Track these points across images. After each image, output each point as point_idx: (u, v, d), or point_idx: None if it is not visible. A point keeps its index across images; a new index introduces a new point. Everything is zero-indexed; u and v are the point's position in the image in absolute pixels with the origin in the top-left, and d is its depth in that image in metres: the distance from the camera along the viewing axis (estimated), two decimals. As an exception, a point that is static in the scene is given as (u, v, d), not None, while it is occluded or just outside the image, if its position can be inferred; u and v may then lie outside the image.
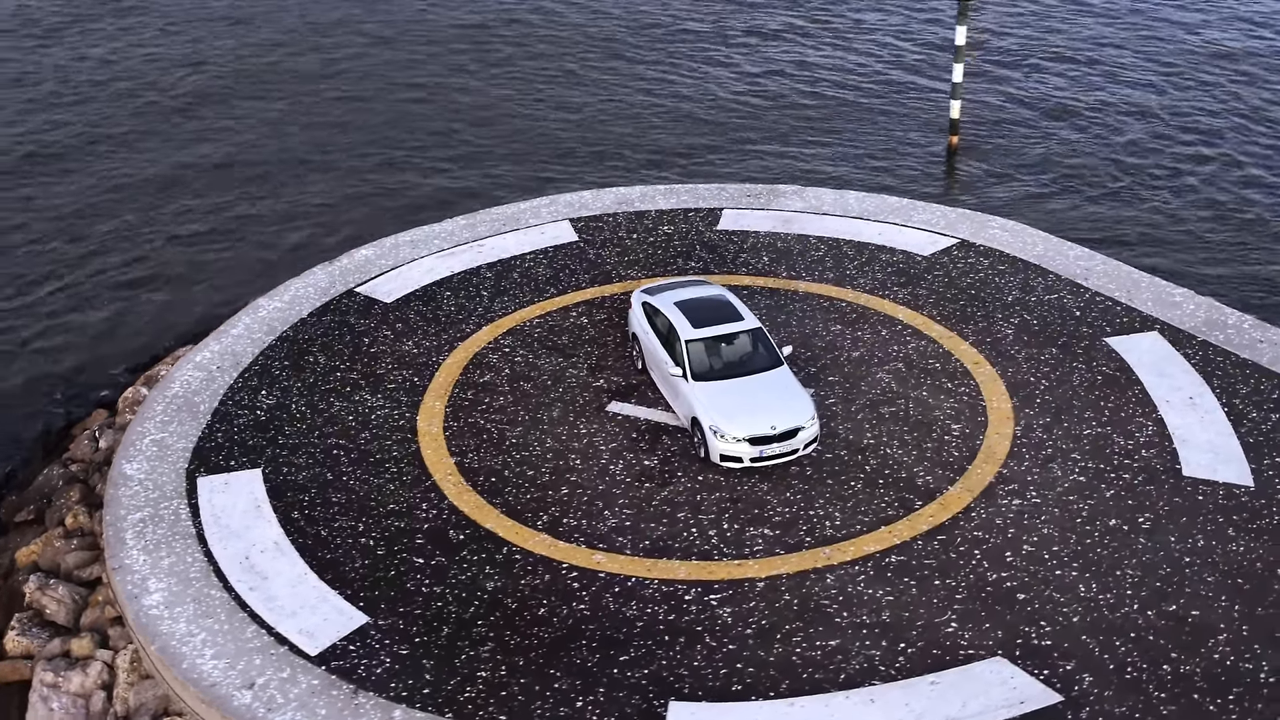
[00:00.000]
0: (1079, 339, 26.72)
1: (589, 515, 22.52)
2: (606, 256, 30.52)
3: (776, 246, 30.65)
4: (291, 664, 19.80)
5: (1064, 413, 24.55)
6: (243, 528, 22.57)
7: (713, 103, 44.24)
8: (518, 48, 49.18)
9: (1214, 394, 24.91)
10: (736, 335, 24.41)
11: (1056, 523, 21.87)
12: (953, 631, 19.79)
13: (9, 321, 32.53)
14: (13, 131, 42.65)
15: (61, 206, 38.22)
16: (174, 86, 46.06)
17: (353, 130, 42.97)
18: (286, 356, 27.19)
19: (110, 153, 41.71)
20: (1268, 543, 21.19)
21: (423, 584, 21.19)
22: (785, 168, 39.22)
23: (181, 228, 37.05)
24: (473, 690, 19.14)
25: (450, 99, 45.21)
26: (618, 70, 47.14)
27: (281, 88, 46.13)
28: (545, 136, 42.33)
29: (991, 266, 29.48)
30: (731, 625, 20.09)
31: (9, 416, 28.96)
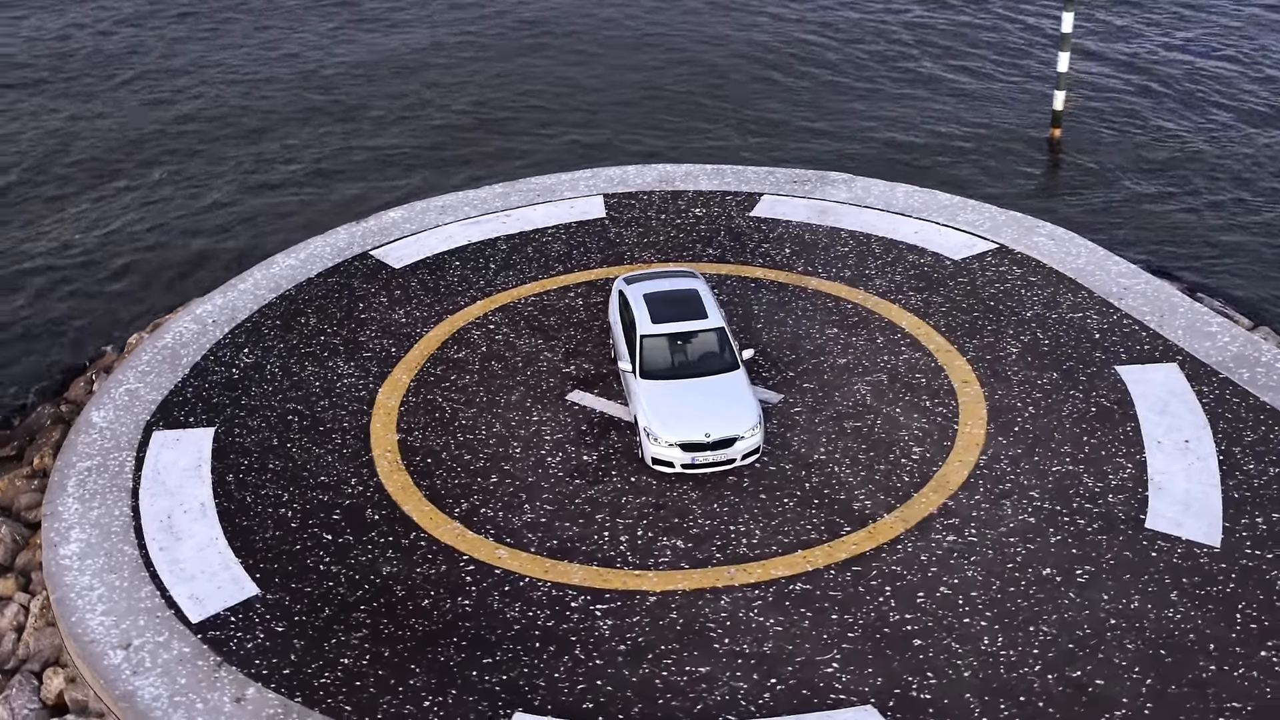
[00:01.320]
0: (1087, 364, 24.84)
1: (509, 508, 22.08)
2: (626, 236, 29.82)
3: (803, 238, 29.41)
4: (171, 629, 20.01)
5: (1039, 445, 22.88)
6: (177, 486, 22.90)
7: (810, 81, 42.67)
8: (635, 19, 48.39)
9: (1215, 439, 22.83)
10: (695, 334, 23.49)
11: (985, 566, 20.42)
12: (831, 673, 18.70)
13: (49, 259, 33.68)
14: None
15: (115, 137, 39.36)
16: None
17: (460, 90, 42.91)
18: (280, 316, 27.45)
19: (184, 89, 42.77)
20: (1210, 613, 19.33)
21: (322, 561, 21.14)
22: (868, 154, 37.49)
23: (250, 175, 37.69)
24: (330, 677, 19.02)
25: (561, 61, 44.71)
26: (723, 39, 45.91)
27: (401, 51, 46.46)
28: (662, 101, 41.38)
29: (1021, 277, 27.65)
30: (607, 639, 19.44)
31: (35, 352, 30.01)
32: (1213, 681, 18.13)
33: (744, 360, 23.53)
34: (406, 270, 28.93)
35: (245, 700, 18.67)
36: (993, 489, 21.92)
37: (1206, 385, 24.17)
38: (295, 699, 18.69)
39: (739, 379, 22.96)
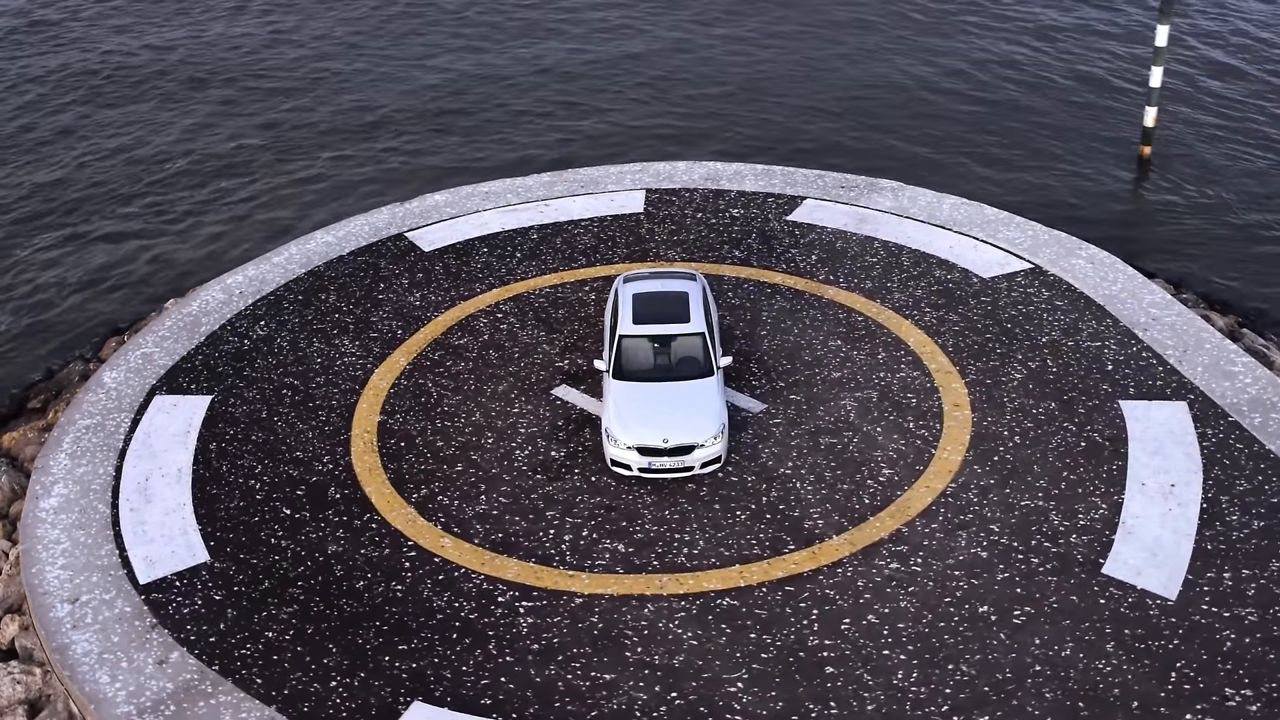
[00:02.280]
0: (1090, 396, 23.86)
1: (465, 498, 22.31)
2: (656, 233, 29.72)
3: (833, 246, 28.89)
4: (119, 588, 20.80)
5: (1015, 477, 22.10)
6: (161, 450, 23.74)
7: (886, 85, 41.70)
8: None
9: (1204, 485, 21.72)
10: (674, 338, 23.31)
11: (921, 598, 19.84)
12: (733, 692, 18.44)
13: (136, 222, 34.97)
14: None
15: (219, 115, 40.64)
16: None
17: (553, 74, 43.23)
18: (303, 291, 28.16)
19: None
20: (1144, 669, 18.45)
21: (274, 535, 21.68)
22: (942, 165, 36.46)
23: (347, 146, 38.58)
24: (250, 649, 19.53)
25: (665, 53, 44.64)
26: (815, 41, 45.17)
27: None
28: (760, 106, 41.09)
29: (1047, 300, 26.68)
30: (523, 637, 19.51)
31: (91, 310, 31.32)
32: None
33: (720, 367, 23.21)
34: (434, 254, 29.34)
35: (167, 664, 19.29)
36: (952, 519, 21.26)
37: (1212, 427, 22.98)
38: (213, 667, 19.23)
39: (710, 386, 22.70)
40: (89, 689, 18.93)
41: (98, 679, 19.08)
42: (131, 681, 18.97)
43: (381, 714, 18.29)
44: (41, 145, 39.01)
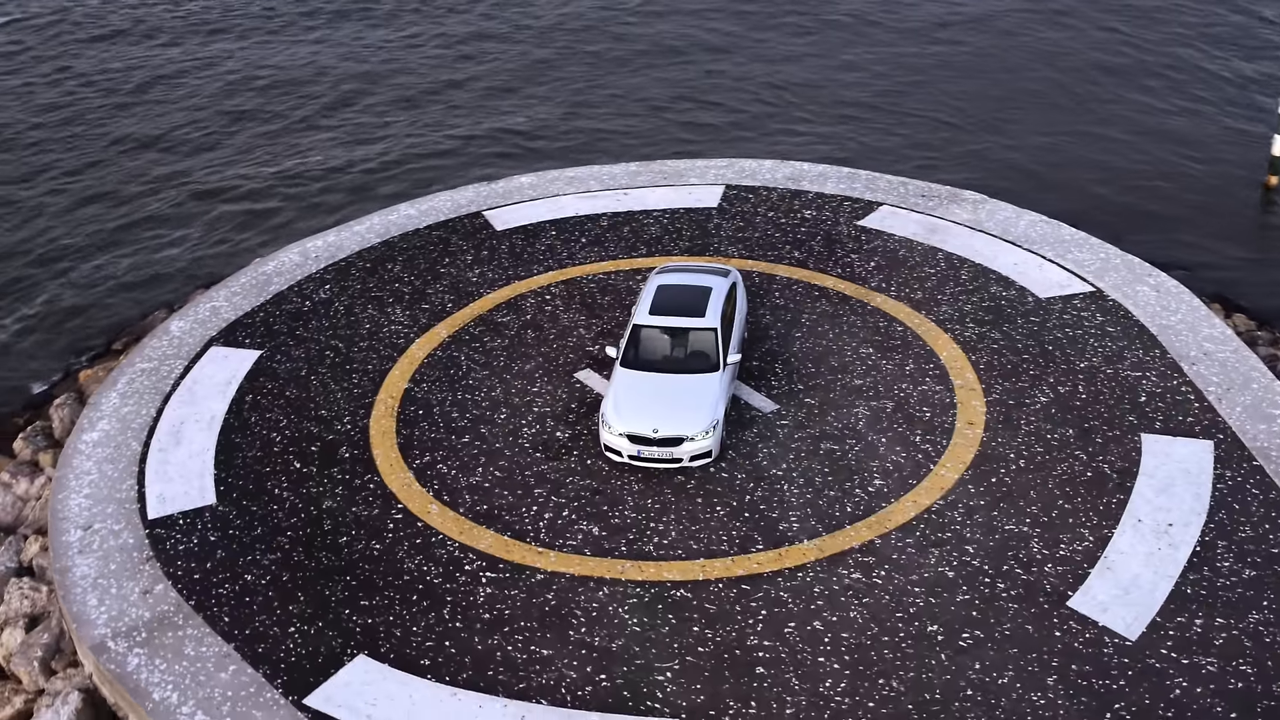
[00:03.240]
0: (1112, 427, 23.19)
1: (463, 469, 23.08)
2: (723, 228, 29.96)
3: (895, 254, 28.64)
4: (129, 521, 22.29)
5: (1007, 501, 21.69)
6: (202, 397, 25.23)
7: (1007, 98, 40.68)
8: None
9: (1204, 528, 20.93)
10: (686, 331, 23.59)
11: (873, 610, 19.73)
12: (660, 681, 18.74)
13: (255, 181, 36.89)
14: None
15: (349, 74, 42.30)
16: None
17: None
18: (373, 260, 29.39)
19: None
20: (1077, 706, 17.99)
21: (279, 486, 22.86)
22: (1043, 174, 35.56)
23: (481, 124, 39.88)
24: (227, 589, 20.72)
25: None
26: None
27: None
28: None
29: (1099, 325, 25.94)
30: (477, 604, 20.18)
31: (198, 265, 33.30)
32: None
33: (729, 364, 23.35)
34: (505, 233, 30.18)
35: (150, 595, 20.61)
36: (929, 535, 20.99)
37: (1233, 470, 22.05)
38: (190, 602, 20.46)
39: (711, 382, 22.88)
40: (76, 609, 20.36)
41: (86, 600, 20.49)
42: (115, 607, 20.31)
43: (326, 664, 19.16)
44: (162, 101, 41.45)
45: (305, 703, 18.53)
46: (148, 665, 19.23)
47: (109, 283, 32.45)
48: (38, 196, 36.56)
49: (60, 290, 32.25)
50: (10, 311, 31.49)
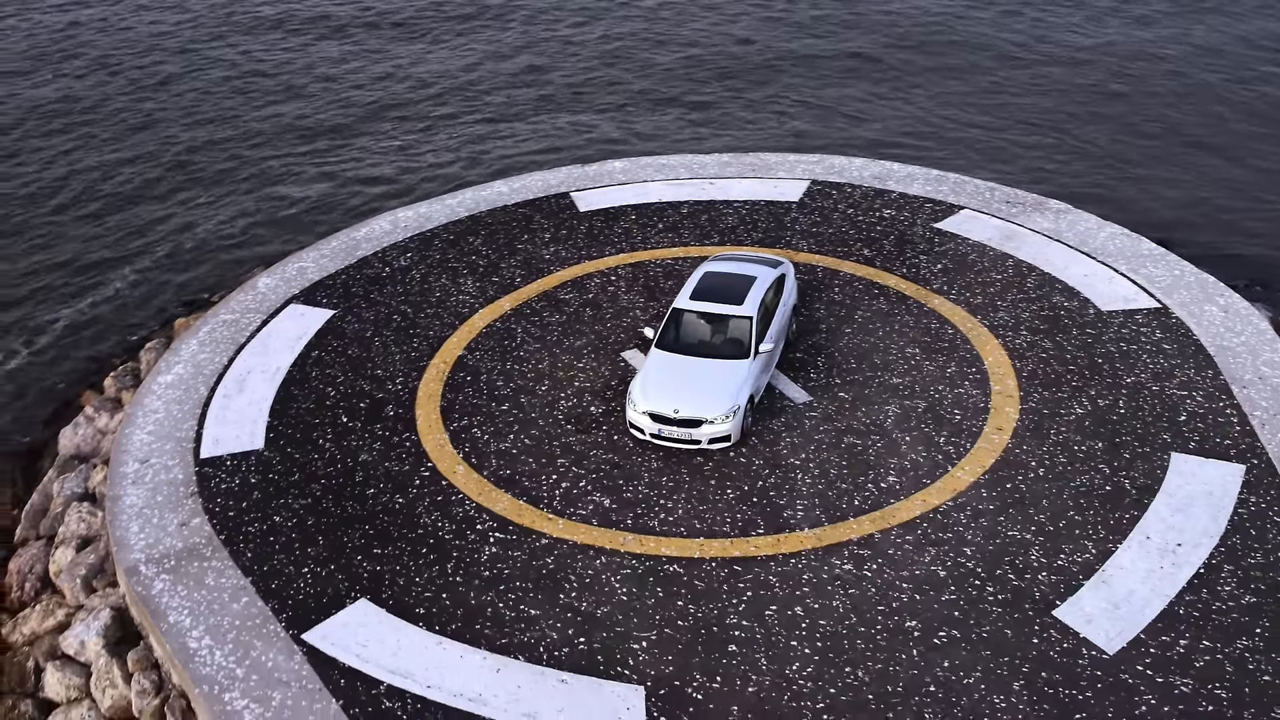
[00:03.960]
0: (1144, 444, 22.94)
1: (496, 434, 24.07)
2: (798, 222, 30.34)
3: (964, 258, 28.64)
4: (183, 458, 23.92)
5: (1016, 507, 21.71)
6: (272, 350, 26.78)
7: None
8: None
9: (1213, 552, 20.66)
10: (721, 317, 24.12)
11: (856, 601, 20.05)
12: (634, 649, 19.41)
13: (375, 151, 38.53)
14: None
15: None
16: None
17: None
18: (456, 233, 30.64)
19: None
20: (1038, 713, 18.01)
21: (324, 437, 24.20)
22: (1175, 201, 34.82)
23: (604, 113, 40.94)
24: (255, 528, 22.12)
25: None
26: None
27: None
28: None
29: (1155, 342, 25.59)
30: (479, 562, 21.12)
31: (308, 221, 35.10)
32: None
33: (760, 353, 23.78)
34: (587, 214, 31.07)
35: (186, 527, 22.12)
36: (930, 534, 21.15)
37: (1260, 495, 21.62)
38: (220, 537, 21.90)
39: (738, 368, 23.36)
40: (119, 534, 21.97)
41: (129, 527, 22.09)
42: (152, 536, 21.87)
43: (330, 604, 20.33)
44: (313, 89, 43.49)
45: (303, 638, 19.68)
46: (170, 590, 20.65)
47: (225, 241, 34.39)
48: (177, 164, 38.93)
49: (179, 245, 34.34)
50: (131, 262, 33.69)
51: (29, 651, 21.48)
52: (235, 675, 19.02)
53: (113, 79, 45.09)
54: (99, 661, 20.61)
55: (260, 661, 19.20)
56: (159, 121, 41.87)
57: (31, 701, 20.81)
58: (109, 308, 31.80)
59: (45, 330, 31.12)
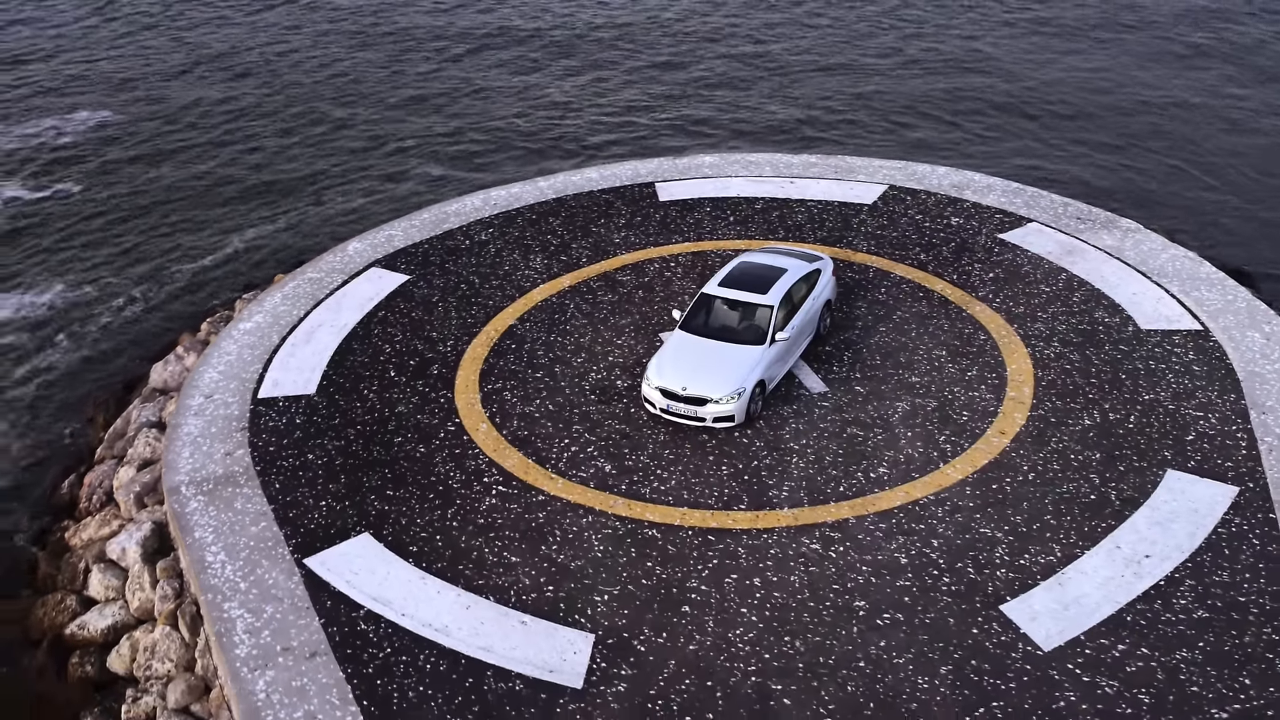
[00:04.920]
0: (1143, 459, 23.21)
1: (524, 399, 25.73)
2: (865, 224, 31.17)
3: (1018, 269, 29.08)
4: (242, 396, 26.27)
5: (995, 508, 22.30)
6: (345, 308, 29.00)
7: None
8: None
9: (1179, 566, 20.95)
10: (744, 305, 25.25)
11: (813, 578, 21.00)
12: (596, 600, 20.76)
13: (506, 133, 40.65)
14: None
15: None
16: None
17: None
18: (539, 214, 32.44)
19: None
20: (957, 696, 18.71)
21: (370, 388, 26.24)
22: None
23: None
24: (290, 462, 24.24)
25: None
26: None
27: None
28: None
29: (1186, 364, 25.69)
30: (478, 512, 22.74)
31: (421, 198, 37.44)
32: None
33: (777, 340, 24.80)
34: (664, 204, 32.48)
35: (230, 456, 24.41)
36: (902, 524, 21.93)
37: (1245, 518, 21.73)
38: (257, 466, 24.10)
39: (751, 354, 24.44)
40: (170, 457, 24.37)
41: (181, 452, 24.48)
42: (198, 461, 24.20)
43: (336, 535, 22.25)
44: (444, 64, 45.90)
45: (304, 562, 21.63)
46: (202, 511, 22.89)
47: (332, 207, 36.92)
48: (324, 141, 41.86)
49: (305, 216, 37.08)
50: (256, 226, 36.55)
51: (82, 554, 23.99)
52: (239, 588, 21.05)
53: (285, 75, 48.49)
54: (134, 567, 22.94)
55: (262, 578, 21.18)
56: (305, 109, 44.93)
57: (76, 597, 23.27)
58: (225, 265, 34.62)
59: (170, 281, 34.11)
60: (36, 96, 46.97)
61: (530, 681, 19.06)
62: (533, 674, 19.16)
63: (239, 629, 20.23)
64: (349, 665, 19.46)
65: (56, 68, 49.36)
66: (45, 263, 35.36)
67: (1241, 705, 18.14)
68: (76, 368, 30.60)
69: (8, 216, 38.00)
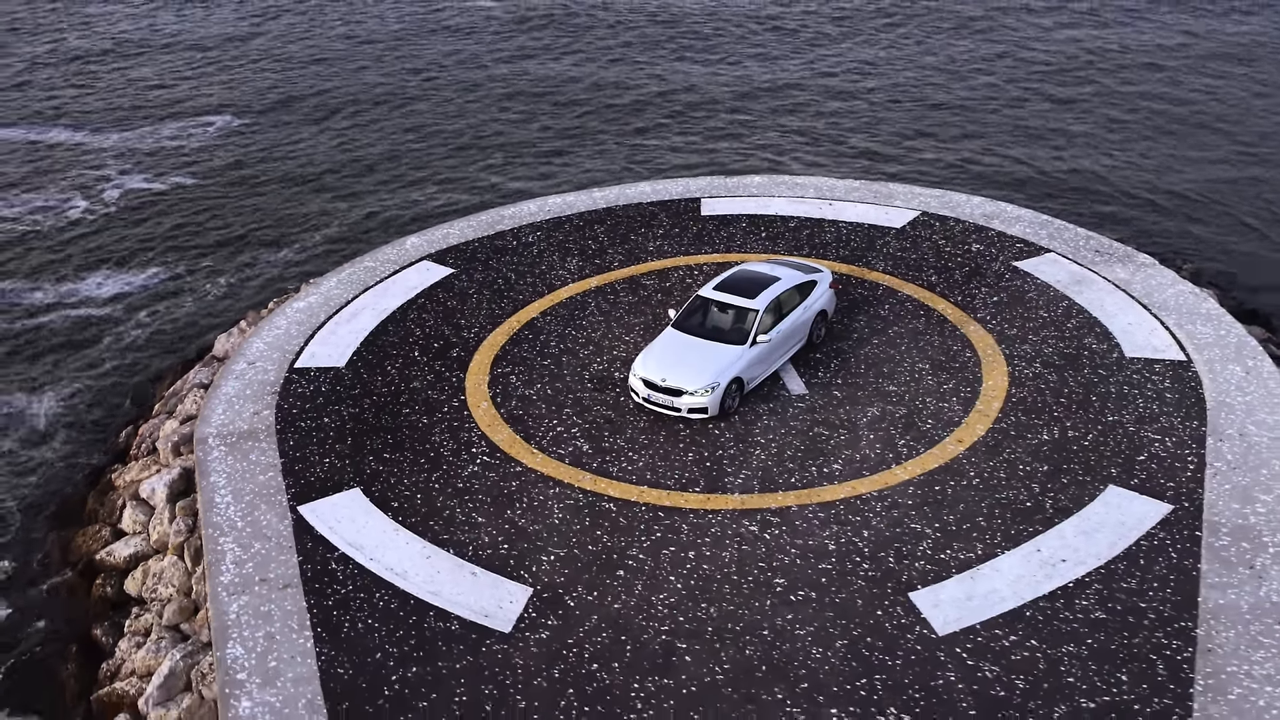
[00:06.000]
0: (1089, 474, 24.24)
1: (527, 382, 27.96)
2: (888, 245, 32.64)
3: (1023, 294, 30.27)
4: (281, 364, 29.05)
5: (931, 506, 23.65)
6: (390, 295, 31.66)
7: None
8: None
9: (1092, 572, 22.07)
10: (732, 307, 27.08)
11: (740, 556, 22.53)
12: (541, 560, 22.70)
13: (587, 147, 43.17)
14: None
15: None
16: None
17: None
18: (586, 223, 34.75)
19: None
20: (846, 667, 20.16)
21: (393, 365, 28.79)
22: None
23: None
24: (305, 424, 26.88)
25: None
26: None
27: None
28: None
29: (1159, 391, 26.61)
30: (458, 476, 24.95)
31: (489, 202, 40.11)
32: (767, 707, 19.44)
33: (758, 343, 26.56)
34: (705, 218, 34.46)
35: (257, 415, 27.20)
36: (839, 515, 23.42)
37: (1170, 533, 22.66)
38: (277, 425, 26.82)
39: (731, 353, 26.24)
40: (205, 412, 27.26)
41: (215, 408, 27.35)
42: (229, 416, 27.03)
43: (330, 489, 24.72)
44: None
45: (298, 509, 24.16)
46: (221, 459, 25.65)
47: (415, 208, 39.83)
48: (427, 148, 44.98)
49: (399, 216, 40.15)
50: (341, 223, 39.70)
51: (122, 493, 26.98)
52: (236, 526, 23.67)
53: (417, 74, 51.98)
54: (160, 506, 25.79)
55: (258, 520, 23.77)
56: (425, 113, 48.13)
57: (110, 529, 26.23)
58: (305, 254, 37.78)
59: (255, 266, 37.39)
60: (179, 102, 51.31)
61: (466, 624, 21.12)
62: (469, 617, 21.23)
63: (228, 560, 22.79)
64: (313, 598, 21.82)
65: (202, 78, 53.78)
66: (153, 247, 39.01)
67: (1111, 699, 19.19)
68: (158, 337, 33.93)
69: (126, 205, 41.94)
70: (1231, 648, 19.91)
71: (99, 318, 35.11)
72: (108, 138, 47.99)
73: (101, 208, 41.90)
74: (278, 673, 20.17)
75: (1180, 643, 20.09)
